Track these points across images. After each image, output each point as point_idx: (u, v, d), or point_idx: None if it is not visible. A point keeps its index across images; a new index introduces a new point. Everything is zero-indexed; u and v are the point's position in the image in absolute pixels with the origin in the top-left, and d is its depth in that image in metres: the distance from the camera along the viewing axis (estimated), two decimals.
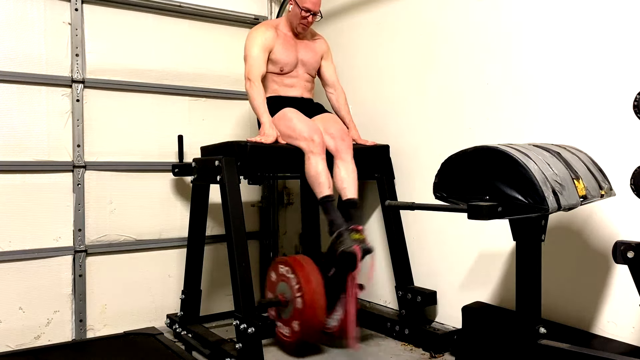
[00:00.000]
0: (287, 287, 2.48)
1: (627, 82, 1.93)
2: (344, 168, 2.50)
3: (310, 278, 2.41)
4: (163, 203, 3.01)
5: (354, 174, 2.51)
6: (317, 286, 2.40)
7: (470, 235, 2.49)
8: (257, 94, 2.57)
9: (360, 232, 2.31)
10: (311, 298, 2.37)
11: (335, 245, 2.29)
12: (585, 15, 2.06)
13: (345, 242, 2.26)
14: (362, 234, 2.32)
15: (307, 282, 2.40)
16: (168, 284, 3.02)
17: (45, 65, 2.68)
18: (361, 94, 3.08)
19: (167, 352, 2.39)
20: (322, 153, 2.45)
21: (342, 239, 2.28)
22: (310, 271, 2.43)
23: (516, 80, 2.31)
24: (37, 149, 2.66)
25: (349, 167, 2.51)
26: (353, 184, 2.48)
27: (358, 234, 2.30)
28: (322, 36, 2.92)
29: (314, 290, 2.38)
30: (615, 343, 1.92)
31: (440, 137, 2.64)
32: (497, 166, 1.54)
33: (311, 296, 2.37)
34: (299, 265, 2.46)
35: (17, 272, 2.61)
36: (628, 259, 1.46)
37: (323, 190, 2.39)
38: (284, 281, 2.51)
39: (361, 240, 2.29)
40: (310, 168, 2.43)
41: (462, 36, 2.53)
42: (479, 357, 2.13)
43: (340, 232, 2.30)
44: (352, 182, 2.48)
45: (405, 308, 2.66)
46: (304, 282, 2.40)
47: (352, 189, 2.47)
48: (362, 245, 2.27)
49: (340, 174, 2.48)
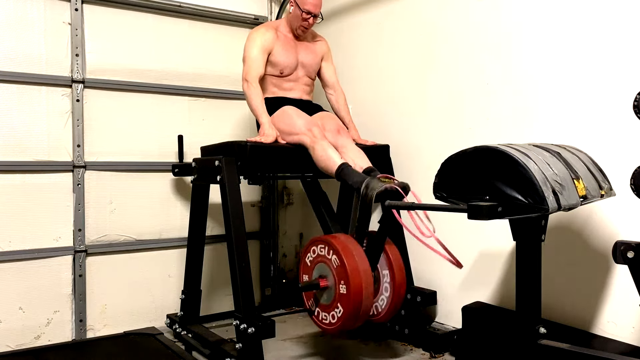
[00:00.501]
0: (326, 268, 2.18)
1: (627, 82, 1.94)
2: (350, 151, 2.46)
3: (352, 252, 2.11)
4: (163, 203, 3.02)
5: (360, 151, 2.48)
6: (362, 260, 2.11)
7: (470, 235, 2.49)
8: (254, 95, 2.56)
9: (390, 179, 2.16)
10: (356, 273, 2.07)
11: (367, 197, 2.10)
12: (585, 15, 2.06)
13: (376, 187, 2.08)
14: (391, 179, 2.16)
15: (349, 256, 2.10)
16: (168, 284, 3.02)
17: (45, 65, 2.68)
18: (361, 94, 3.08)
19: (167, 352, 2.39)
20: (324, 138, 2.43)
21: (371, 186, 2.11)
22: (351, 245, 2.15)
23: (516, 80, 2.31)
24: (37, 149, 2.66)
25: (354, 148, 2.49)
26: (363, 157, 2.43)
27: (388, 180, 2.15)
28: (322, 37, 2.91)
29: (359, 264, 2.09)
30: (615, 343, 1.92)
31: (440, 137, 2.64)
32: (497, 166, 1.54)
33: (356, 271, 2.07)
34: (338, 241, 2.17)
35: (17, 272, 2.61)
36: (628, 259, 1.46)
37: (336, 161, 2.31)
38: (321, 262, 2.21)
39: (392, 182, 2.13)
40: (317, 152, 2.38)
41: (462, 36, 2.53)
42: (479, 357, 2.13)
43: (367, 182, 2.14)
44: (362, 156, 2.44)
45: (405, 308, 2.66)
46: (346, 256, 2.09)
47: (364, 161, 2.41)
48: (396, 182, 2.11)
49: (348, 154, 2.44)
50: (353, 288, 2.06)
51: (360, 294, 2.07)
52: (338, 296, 2.11)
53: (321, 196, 2.77)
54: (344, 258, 2.08)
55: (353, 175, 2.23)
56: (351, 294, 2.06)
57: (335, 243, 2.15)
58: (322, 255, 2.21)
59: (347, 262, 2.07)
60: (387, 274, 2.34)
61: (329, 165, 2.33)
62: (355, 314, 2.09)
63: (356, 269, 2.08)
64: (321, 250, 2.22)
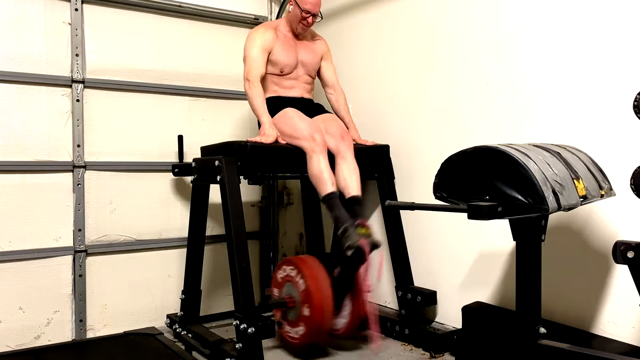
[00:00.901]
0: (293, 288, 2.46)
1: (627, 82, 1.93)
2: (345, 166, 2.49)
3: (317, 279, 2.38)
4: (163, 203, 3.01)
5: (356, 171, 2.50)
6: (325, 287, 2.37)
7: (470, 235, 2.49)
8: (256, 95, 2.57)
9: (366, 227, 2.30)
10: (319, 299, 2.34)
11: (342, 240, 2.27)
12: (585, 15, 2.06)
13: (352, 237, 2.24)
14: (368, 228, 2.30)
15: (314, 283, 2.37)
16: (168, 284, 3.02)
17: (45, 65, 2.68)
18: (361, 94, 3.08)
19: (167, 352, 2.39)
20: (323, 152, 2.45)
21: (348, 233, 2.26)
22: (317, 272, 2.40)
23: (516, 80, 2.31)
24: (37, 149, 2.66)
25: (350, 165, 2.50)
26: (356, 181, 2.48)
27: (364, 229, 2.28)
28: (322, 37, 2.91)
29: (322, 291, 2.36)
30: (615, 343, 1.92)
31: (440, 137, 2.64)
32: (497, 166, 1.54)
33: (319, 298, 2.34)
34: (306, 266, 2.43)
35: (17, 272, 2.61)
36: (628, 259, 1.46)
37: (327, 188, 2.38)
38: (290, 282, 2.49)
39: (368, 234, 2.27)
40: (313, 167, 2.42)
41: (462, 36, 2.53)
42: (479, 357, 2.13)
43: (346, 228, 2.28)
44: (355, 180, 2.48)
45: (405, 308, 2.66)
46: (311, 283, 2.37)
47: (355, 186, 2.46)
48: (370, 239, 2.26)
49: (343, 173, 2.48)
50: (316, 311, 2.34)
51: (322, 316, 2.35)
52: (302, 316, 2.40)
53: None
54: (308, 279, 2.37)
55: (336, 209, 2.36)
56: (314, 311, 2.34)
57: (301, 265, 2.43)
58: (290, 275, 2.49)
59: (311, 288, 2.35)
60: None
61: (317, 184, 2.43)
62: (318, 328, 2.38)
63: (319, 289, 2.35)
64: (289, 271, 2.50)
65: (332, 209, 2.37)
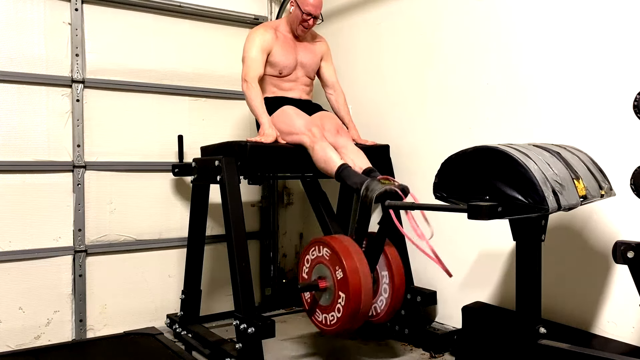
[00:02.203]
0: (326, 270, 2.18)
1: (627, 82, 1.93)
2: (349, 151, 2.47)
3: (354, 259, 2.11)
4: (163, 203, 3.01)
5: (360, 151, 2.48)
6: (362, 267, 2.10)
7: (470, 235, 2.49)
8: (254, 95, 2.56)
9: (389, 180, 2.16)
10: (357, 283, 2.08)
11: (367, 198, 2.11)
12: (585, 15, 2.06)
13: (376, 189, 2.09)
14: (391, 180, 2.16)
15: (351, 263, 2.10)
16: (168, 284, 3.02)
17: (45, 65, 2.68)
18: (361, 94, 3.08)
19: (167, 352, 2.39)
20: (324, 139, 2.43)
21: (372, 187, 2.12)
22: (353, 251, 2.14)
23: (516, 80, 2.31)
24: (37, 149, 2.66)
25: (353, 148, 2.49)
26: (363, 158, 2.44)
27: (387, 181, 2.15)
28: (322, 37, 2.91)
29: (360, 272, 2.09)
30: (615, 343, 1.92)
31: (440, 137, 2.64)
32: (497, 166, 1.54)
33: (357, 281, 2.08)
34: (341, 246, 2.16)
35: (17, 272, 2.61)
36: (628, 259, 1.46)
37: (336, 162, 2.31)
38: (322, 263, 2.22)
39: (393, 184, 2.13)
40: (317, 153, 2.38)
41: (462, 36, 2.53)
42: (479, 357, 2.13)
43: (367, 184, 2.14)
44: (362, 157, 2.44)
45: (405, 308, 2.66)
46: (348, 263, 2.09)
47: (363, 162, 2.41)
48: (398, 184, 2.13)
49: (348, 155, 2.45)
50: (352, 290, 2.06)
51: (359, 296, 2.07)
52: (337, 296, 2.11)
53: (321, 196, 2.77)
54: (344, 259, 2.09)
55: (353, 176, 2.24)
56: (350, 296, 2.05)
57: (334, 244, 2.15)
58: (321, 256, 2.22)
59: (346, 264, 2.08)
60: (386, 275, 2.35)
61: (328, 166, 2.33)
62: (354, 315, 2.09)
63: (355, 271, 2.08)
64: (320, 251, 2.23)
65: (349, 177, 2.23)
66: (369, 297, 2.12)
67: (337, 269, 2.12)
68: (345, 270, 2.08)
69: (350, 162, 2.37)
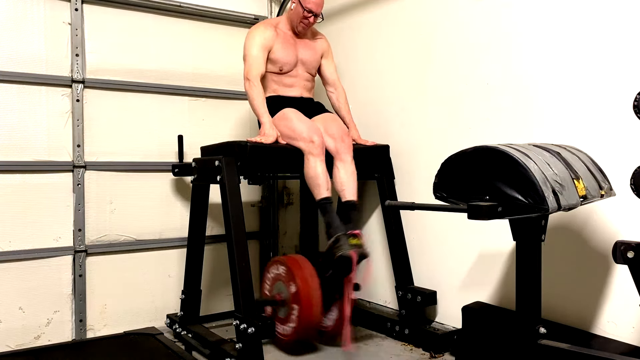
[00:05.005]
0: (283, 287, 2.51)
1: (627, 82, 1.93)
2: (343, 169, 2.49)
3: (306, 278, 2.43)
4: (163, 203, 3.01)
5: (353, 175, 2.50)
6: (313, 286, 2.42)
7: (470, 235, 2.49)
8: (256, 94, 2.56)
9: (358, 237, 2.31)
10: (307, 298, 2.40)
11: (333, 249, 2.29)
12: (585, 15, 2.06)
13: (343, 247, 2.27)
14: (360, 239, 2.32)
15: (303, 282, 2.42)
16: (168, 284, 3.02)
17: (45, 65, 2.68)
18: (361, 94, 3.08)
19: (167, 352, 2.39)
20: (321, 154, 2.45)
21: (339, 243, 2.28)
22: (306, 271, 2.45)
23: (516, 80, 2.31)
24: (37, 149, 2.66)
25: (348, 168, 2.50)
26: (353, 185, 2.48)
27: (356, 239, 2.30)
28: (323, 35, 2.91)
29: (310, 290, 2.41)
30: (615, 343, 1.92)
31: (440, 137, 2.64)
32: (497, 166, 1.54)
33: (307, 296, 2.40)
34: (296, 265, 2.48)
35: (17, 272, 2.61)
36: (628, 259, 1.46)
37: (321, 192, 2.39)
38: (280, 280, 2.53)
39: (359, 245, 2.29)
40: (309, 169, 2.42)
41: (462, 36, 2.53)
42: (479, 357, 2.13)
43: (338, 237, 2.30)
44: (352, 184, 2.48)
45: (405, 308, 2.66)
46: (301, 281, 2.42)
47: (351, 190, 2.47)
48: (360, 250, 2.28)
49: (340, 176, 2.48)
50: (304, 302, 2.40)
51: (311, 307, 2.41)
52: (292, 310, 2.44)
53: None
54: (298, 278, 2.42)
55: (330, 216, 2.38)
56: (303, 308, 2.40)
57: (291, 264, 2.48)
58: (280, 274, 2.54)
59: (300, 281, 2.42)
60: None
61: (312, 187, 2.44)
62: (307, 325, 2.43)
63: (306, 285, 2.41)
64: (279, 269, 2.55)
65: (326, 214, 2.39)
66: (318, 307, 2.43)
67: (291, 284, 2.44)
68: (298, 285, 2.41)
69: (339, 184, 2.48)
